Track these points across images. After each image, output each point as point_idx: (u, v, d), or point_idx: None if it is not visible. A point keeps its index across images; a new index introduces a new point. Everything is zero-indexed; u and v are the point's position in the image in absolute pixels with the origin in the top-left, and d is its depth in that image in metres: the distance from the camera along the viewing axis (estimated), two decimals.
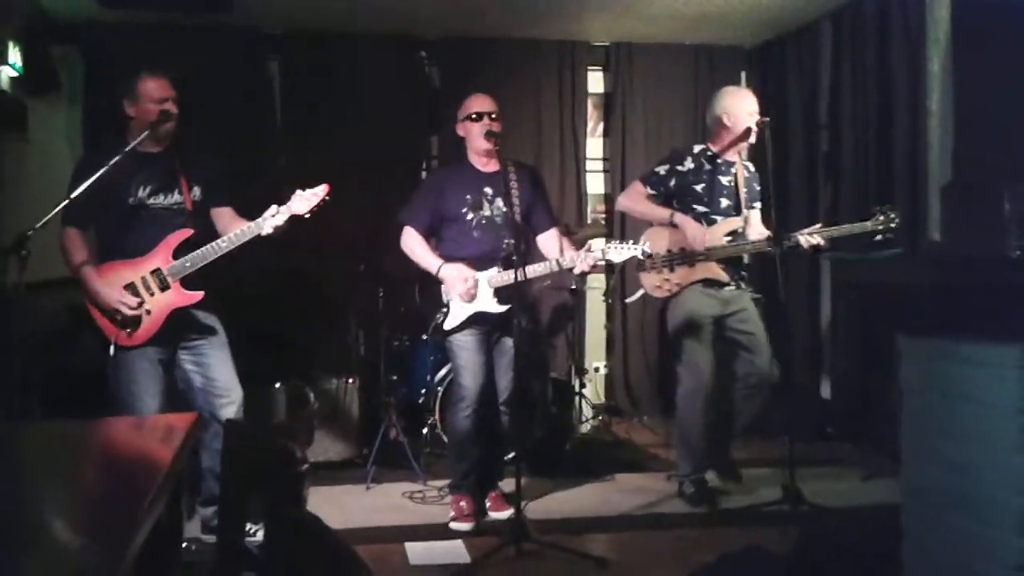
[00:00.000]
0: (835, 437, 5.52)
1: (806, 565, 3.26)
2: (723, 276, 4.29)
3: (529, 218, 4.11)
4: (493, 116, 4.03)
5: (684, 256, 4.30)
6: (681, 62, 6.64)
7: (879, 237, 4.09)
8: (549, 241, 4.14)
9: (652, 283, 4.39)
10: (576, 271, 3.95)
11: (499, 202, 4.04)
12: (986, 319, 2.46)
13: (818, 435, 5.50)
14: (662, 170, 4.40)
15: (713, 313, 4.31)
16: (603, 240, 4.01)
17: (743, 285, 4.40)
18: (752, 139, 4.32)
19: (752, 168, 4.51)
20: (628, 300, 4.72)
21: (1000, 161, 3.41)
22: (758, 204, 4.47)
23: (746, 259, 4.48)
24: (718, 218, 4.32)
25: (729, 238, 4.31)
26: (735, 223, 4.32)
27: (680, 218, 4.29)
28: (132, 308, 3.41)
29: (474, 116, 4.04)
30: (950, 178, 4.40)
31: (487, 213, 4.05)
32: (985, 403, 2.49)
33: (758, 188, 4.48)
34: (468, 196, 4.05)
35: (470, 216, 4.04)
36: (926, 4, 4.96)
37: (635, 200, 4.46)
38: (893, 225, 4.05)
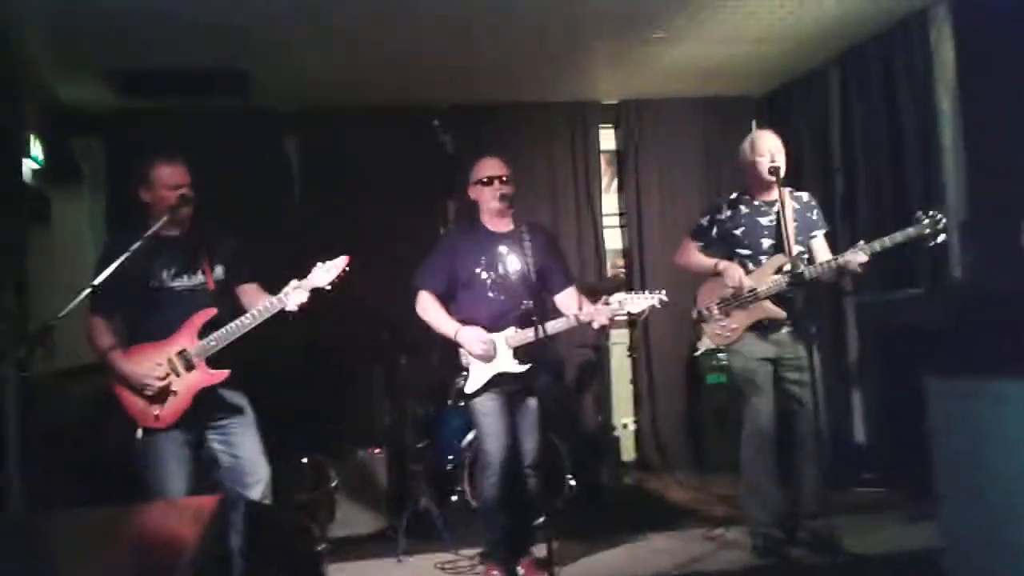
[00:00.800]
0: (872, 483, 5.40)
1: None
2: (780, 313, 4.22)
3: (545, 279, 4.11)
4: (504, 179, 4.06)
5: (735, 302, 4.28)
6: (691, 115, 6.71)
7: (932, 242, 3.94)
8: (568, 300, 4.14)
9: (712, 332, 4.40)
10: (595, 325, 3.92)
11: (514, 261, 4.05)
12: (1011, 355, 2.42)
13: (854, 481, 5.39)
14: (704, 221, 4.46)
15: (769, 356, 4.27)
16: (624, 293, 3.97)
17: (798, 327, 4.25)
18: (778, 177, 4.24)
19: (806, 197, 4.43)
20: (697, 354, 4.63)
21: (1016, 196, 3.39)
22: (819, 232, 4.37)
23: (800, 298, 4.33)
24: (762, 259, 4.29)
25: (778, 276, 4.25)
26: (781, 260, 4.22)
27: (722, 265, 4.31)
28: (160, 378, 3.44)
29: (485, 180, 4.08)
30: (966, 215, 4.37)
31: (502, 272, 4.05)
32: (1015, 439, 2.44)
33: (814, 217, 4.39)
34: (482, 257, 4.06)
35: (484, 276, 4.04)
36: (931, 45, 4.99)
37: (688, 255, 4.49)
38: (940, 227, 3.91)
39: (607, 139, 6.79)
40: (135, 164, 3.67)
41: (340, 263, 3.56)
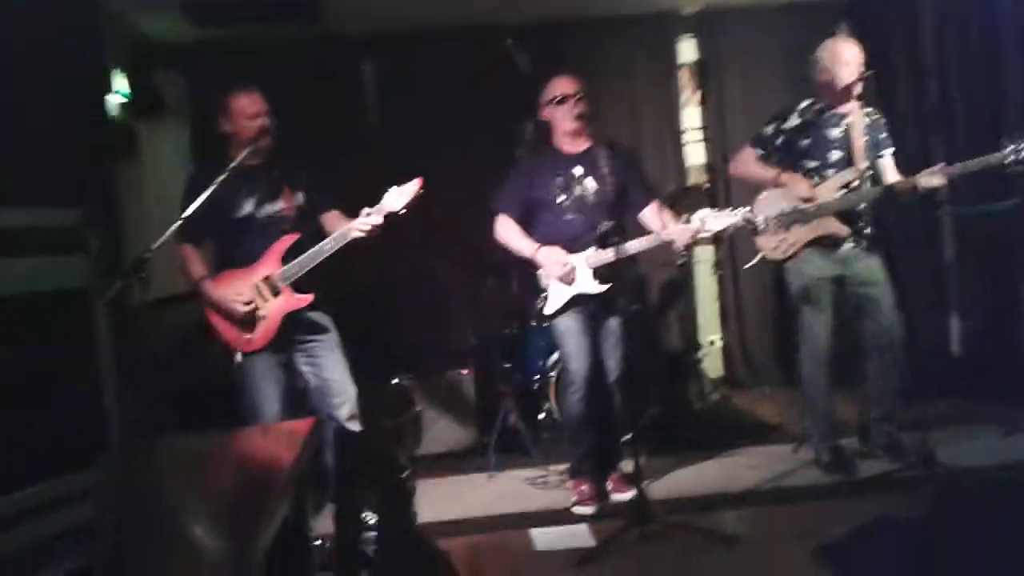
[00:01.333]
0: (968, 393, 5.27)
1: (940, 532, 3.12)
2: (842, 231, 4.13)
3: (626, 195, 4.05)
4: (579, 97, 3.98)
5: (796, 215, 4.17)
6: (775, 22, 6.43)
7: (1014, 169, 3.79)
8: (651, 215, 4.07)
9: (769, 246, 4.28)
10: (677, 246, 3.86)
11: (591, 182, 3.99)
12: None
13: (950, 392, 5.26)
14: (769, 130, 4.31)
15: (831, 274, 4.18)
16: (708, 210, 3.89)
17: (865, 243, 4.21)
18: (857, 90, 4.14)
19: (876, 115, 4.28)
20: (747, 266, 4.58)
21: None
22: (887, 151, 4.25)
23: (868, 213, 4.24)
24: (830, 172, 4.17)
25: (844, 191, 4.14)
26: (849, 175, 4.13)
27: (786, 176, 4.18)
28: (245, 303, 3.54)
29: (559, 99, 4.00)
30: None
31: (579, 194, 4.00)
32: None
33: (883, 136, 4.26)
34: (558, 179, 4.01)
35: (561, 198, 4.01)
36: None
37: (746, 164, 4.37)
38: (1022, 156, 3.76)
39: (688, 50, 6.58)
40: (215, 96, 3.71)
41: (413, 186, 3.57)
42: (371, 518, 2.50)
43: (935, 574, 3.02)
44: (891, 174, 4.20)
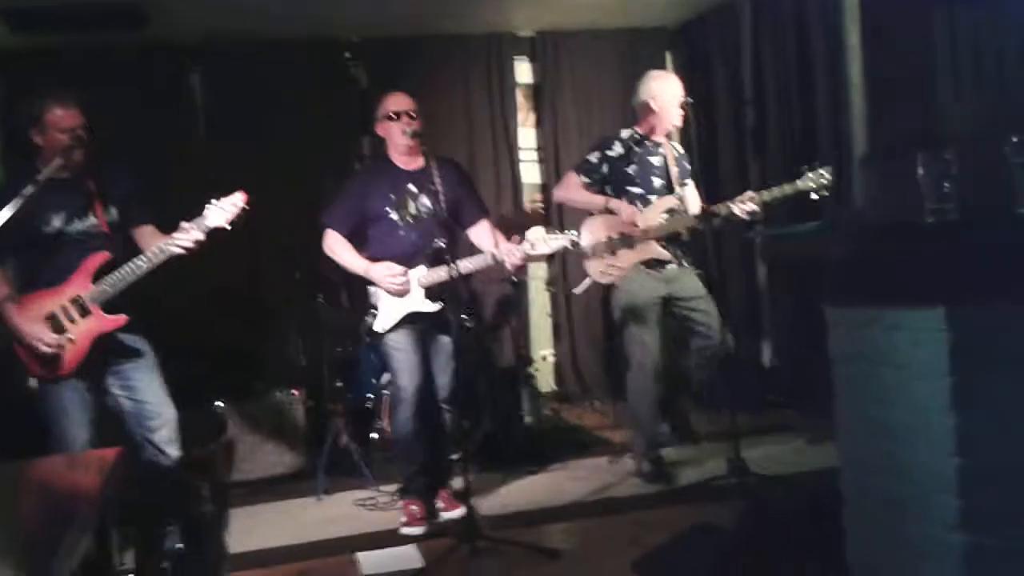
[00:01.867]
0: (779, 404, 5.59)
1: (752, 537, 3.30)
2: (664, 255, 4.35)
3: (458, 213, 4.08)
4: (412, 114, 3.99)
5: (623, 240, 4.34)
6: (606, 47, 6.67)
7: (814, 196, 4.12)
8: (482, 233, 4.12)
9: (597, 269, 4.44)
10: (508, 265, 3.93)
11: (424, 199, 4.01)
12: (906, 285, 2.50)
13: (762, 404, 5.58)
14: (593, 158, 4.46)
15: (658, 294, 4.37)
16: (541, 229, 3.99)
17: (685, 263, 4.45)
18: (679, 123, 4.40)
19: (679, 148, 4.60)
20: (576, 291, 4.74)
21: (913, 127, 3.47)
22: (690, 181, 4.53)
23: (685, 236, 4.50)
24: (652, 198, 4.39)
25: (666, 215, 4.35)
26: (670, 201, 4.38)
27: (614, 203, 4.37)
28: (50, 345, 3.34)
29: (392, 115, 4.00)
30: (866, 149, 4.50)
31: (412, 211, 4.01)
32: (911, 368, 2.52)
33: (688, 166, 4.55)
34: (392, 195, 4.01)
35: (394, 215, 4.00)
36: None
37: (571, 191, 4.51)
38: (824, 181, 4.09)
39: (523, 72, 6.71)
40: (27, 106, 3.50)
41: (236, 200, 3.46)
42: (175, 550, 2.41)
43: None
44: (694, 200, 4.48)
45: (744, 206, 4.22)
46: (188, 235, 3.39)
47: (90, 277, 3.41)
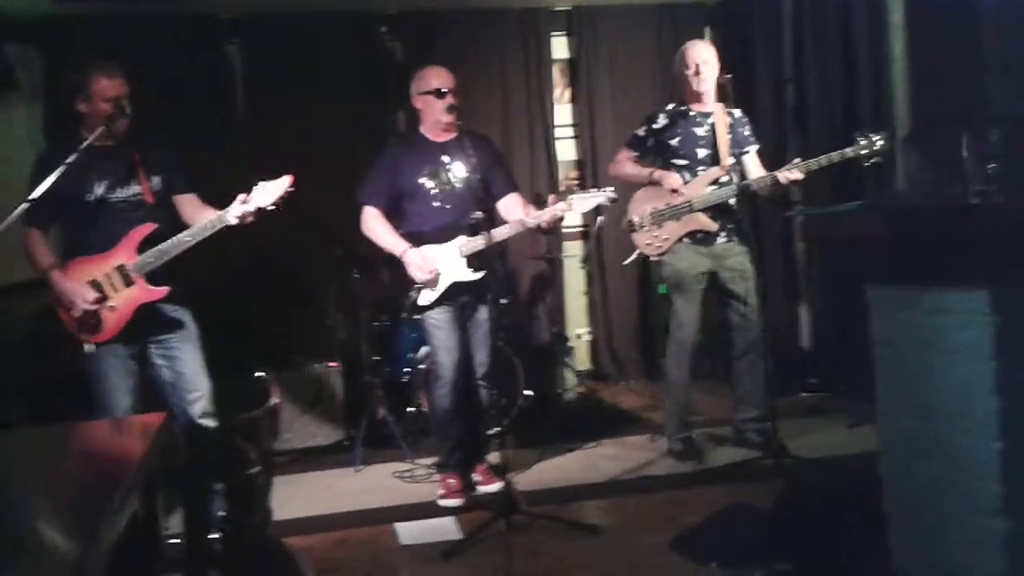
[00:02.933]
0: (818, 387, 5.55)
1: (789, 518, 3.29)
2: (712, 226, 4.31)
3: (488, 186, 4.07)
4: (452, 90, 3.98)
5: (669, 212, 4.31)
6: (644, 22, 6.59)
7: (868, 162, 4.03)
8: (512, 205, 4.11)
9: (643, 242, 4.43)
10: (544, 222, 3.88)
11: (457, 169, 4.01)
12: (949, 267, 2.46)
13: (801, 386, 5.54)
14: (641, 131, 4.48)
15: (703, 268, 4.35)
16: (575, 193, 3.97)
17: (735, 237, 4.39)
18: (711, 90, 4.32)
19: (738, 113, 4.48)
20: (625, 262, 4.72)
21: (958, 107, 3.41)
22: (751, 148, 4.46)
23: (735, 208, 4.43)
24: (699, 169, 4.34)
25: (713, 187, 4.29)
26: (717, 172, 4.31)
27: (659, 173, 4.35)
28: (88, 302, 3.39)
29: (439, 92, 3.98)
30: (910, 127, 4.42)
31: (447, 181, 4.01)
32: (955, 350, 2.50)
33: (746, 133, 4.47)
34: (425, 167, 4.01)
35: (429, 186, 4.01)
36: None
37: (622, 165, 4.52)
38: (877, 148, 3.99)
39: (560, 47, 6.66)
40: (72, 74, 3.54)
41: (283, 183, 3.49)
42: (221, 514, 2.45)
43: (783, 557, 3.18)
44: (755, 170, 4.41)
45: (790, 174, 4.14)
46: (245, 207, 3.42)
47: (136, 247, 3.46)
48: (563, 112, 6.68)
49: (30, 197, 3.21)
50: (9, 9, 5.39)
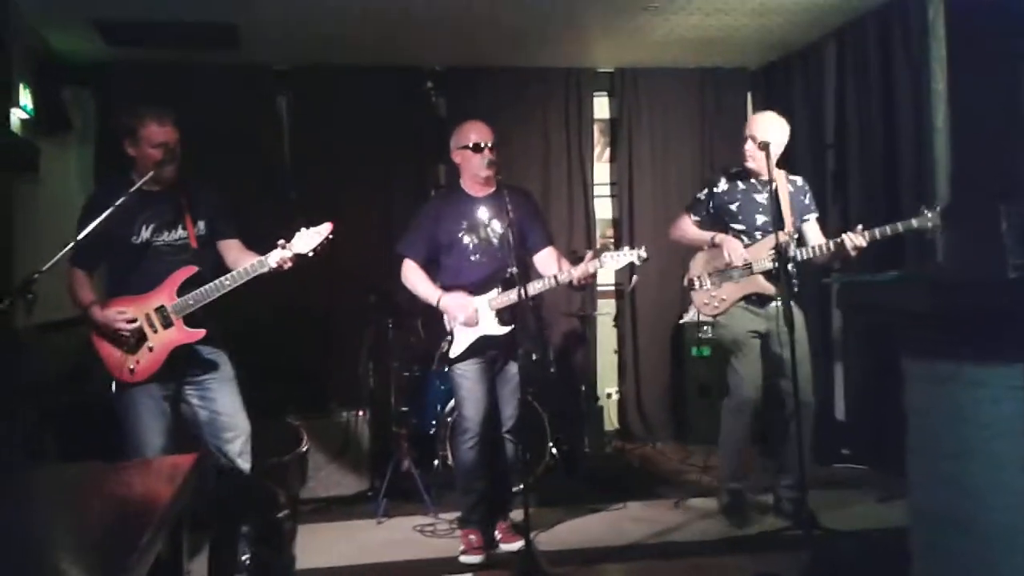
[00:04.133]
0: (851, 459, 5.46)
1: None
2: (769, 289, 4.31)
3: (525, 240, 4.10)
4: (491, 145, 4.04)
5: (727, 274, 4.35)
6: (686, 86, 6.66)
7: (933, 235, 4.05)
8: (547, 259, 4.13)
9: (701, 301, 4.48)
10: (575, 278, 3.88)
11: (495, 224, 4.05)
12: (986, 341, 2.44)
13: (833, 457, 5.46)
14: (701, 195, 4.55)
15: (758, 329, 4.35)
16: (607, 251, 3.99)
17: (792, 301, 4.30)
18: (751, 164, 4.35)
19: (800, 181, 4.52)
20: (682, 320, 4.72)
21: (998, 179, 3.39)
22: (811, 216, 4.48)
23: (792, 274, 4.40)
24: (758, 234, 4.36)
25: (773, 252, 4.27)
26: (780, 237, 4.22)
27: (720, 237, 4.39)
28: (128, 322, 3.44)
29: (477, 146, 4.03)
30: (950, 199, 4.40)
31: (484, 236, 4.05)
32: (989, 424, 2.46)
33: (807, 201, 4.49)
34: (464, 221, 4.05)
35: (467, 241, 4.05)
36: (929, 22, 4.95)
37: (683, 229, 4.57)
38: (940, 223, 3.93)
39: (601, 107, 6.75)
40: (124, 118, 3.63)
41: (324, 230, 3.54)
42: (246, 557, 2.45)
43: None
44: (815, 237, 4.42)
45: (857, 239, 4.10)
46: (284, 253, 3.47)
47: (176, 289, 3.52)
48: (602, 171, 6.74)
49: (77, 238, 3.29)
50: (65, 52, 5.57)
